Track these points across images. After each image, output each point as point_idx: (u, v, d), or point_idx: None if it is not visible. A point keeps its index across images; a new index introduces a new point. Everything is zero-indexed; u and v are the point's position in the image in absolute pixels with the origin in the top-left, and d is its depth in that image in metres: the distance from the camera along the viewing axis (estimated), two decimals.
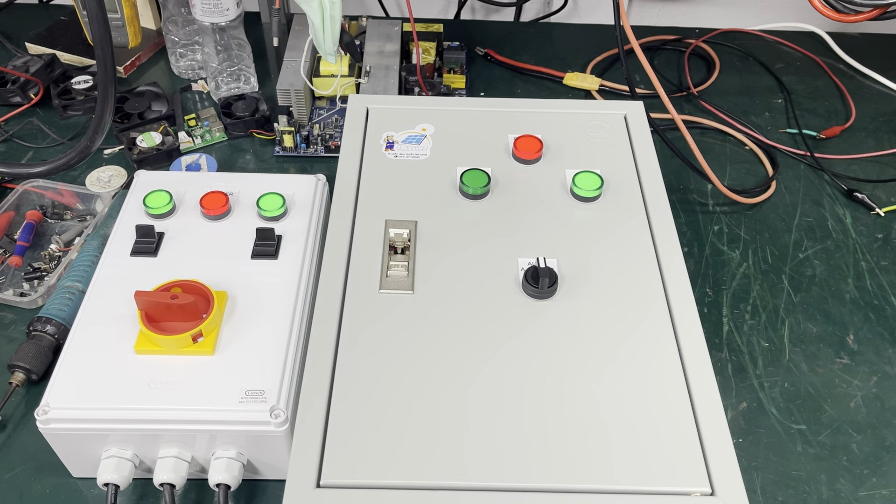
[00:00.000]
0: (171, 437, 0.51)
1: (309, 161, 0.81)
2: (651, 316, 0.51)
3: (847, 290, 0.70)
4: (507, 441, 0.45)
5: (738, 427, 0.60)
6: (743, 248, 0.74)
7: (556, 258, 0.54)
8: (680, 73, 0.96)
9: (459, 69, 0.91)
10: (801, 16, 1.02)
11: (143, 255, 0.59)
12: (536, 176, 0.61)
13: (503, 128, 0.65)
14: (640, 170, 0.62)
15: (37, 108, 0.85)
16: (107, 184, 0.74)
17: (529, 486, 0.43)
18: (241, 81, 0.87)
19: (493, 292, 0.52)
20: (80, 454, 0.52)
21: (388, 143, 0.63)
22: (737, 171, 0.83)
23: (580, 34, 1.02)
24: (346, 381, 0.47)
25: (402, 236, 0.55)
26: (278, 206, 0.61)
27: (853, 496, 0.56)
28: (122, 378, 0.51)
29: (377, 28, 0.91)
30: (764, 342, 0.66)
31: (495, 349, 0.49)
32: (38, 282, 0.66)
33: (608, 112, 0.67)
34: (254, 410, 0.50)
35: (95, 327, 0.54)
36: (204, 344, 0.53)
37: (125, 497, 0.54)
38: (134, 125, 0.81)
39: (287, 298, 0.56)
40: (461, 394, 0.47)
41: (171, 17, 0.88)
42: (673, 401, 0.47)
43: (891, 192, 0.81)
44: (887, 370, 0.64)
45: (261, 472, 0.54)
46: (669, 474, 0.43)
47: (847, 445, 0.59)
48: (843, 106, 0.92)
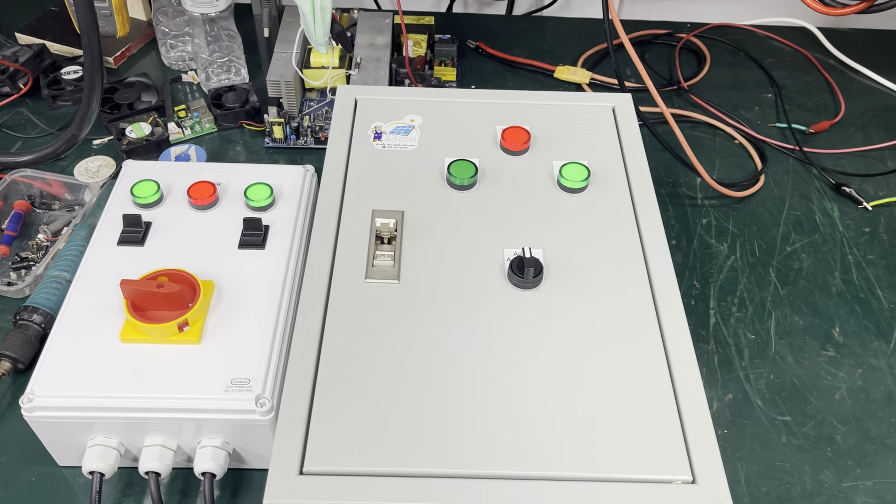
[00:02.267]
0: (156, 426, 0.51)
1: (299, 152, 0.81)
2: (635, 306, 0.52)
3: (834, 284, 0.71)
4: (489, 429, 0.45)
5: (724, 418, 0.60)
6: (731, 242, 0.74)
7: (542, 248, 0.54)
8: (671, 67, 0.96)
9: (450, 62, 0.91)
10: (792, 11, 1.02)
11: (129, 244, 0.59)
12: (524, 167, 0.61)
13: (491, 119, 0.65)
14: (627, 161, 0.62)
15: (26, 99, 0.85)
16: (95, 174, 0.74)
17: (512, 473, 0.43)
18: (232, 73, 0.87)
19: (479, 282, 0.52)
20: (65, 442, 0.52)
21: (376, 133, 0.63)
22: (726, 165, 0.83)
23: (572, 28, 1.02)
24: (330, 369, 0.47)
25: (388, 226, 0.55)
26: (266, 196, 0.61)
27: (836, 487, 0.56)
28: (107, 366, 0.51)
29: (368, 20, 0.91)
30: (750, 334, 0.66)
31: (479, 338, 0.49)
32: (26, 271, 0.66)
33: (596, 104, 0.67)
34: (239, 399, 0.50)
35: (81, 316, 0.54)
36: (190, 333, 0.53)
37: (110, 485, 0.54)
38: (123, 116, 0.80)
39: (274, 288, 0.56)
40: (444, 382, 0.47)
41: (162, 7, 0.87)
42: (656, 390, 0.47)
43: (878, 186, 0.81)
44: (872, 363, 0.64)
45: (247, 462, 0.54)
46: (651, 462, 0.44)
47: (831, 437, 0.59)
48: (832, 101, 0.92)
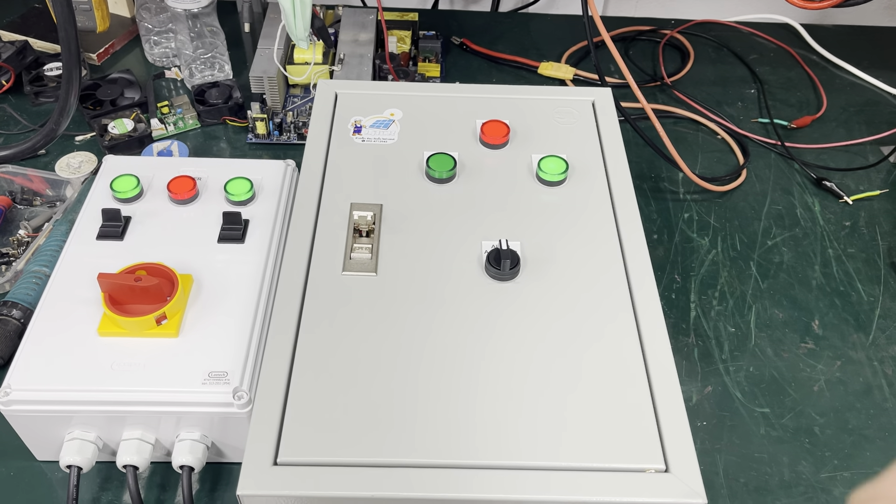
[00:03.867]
0: (134, 419, 0.51)
1: (282, 148, 0.81)
2: (612, 298, 0.52)
3: (814, 277, 0.71)
4: (464, 419, 0.45)
5: (703, 411, 0.60)
6: (712, 236, 0.74)
7: (519, 241, 0.55)
8: (655, 63, 0.96)
9: (434, 58, 0.91)
10: (776, 7, 1.02)
11: (109, 238, 0.59)
12: (503, 160, 0.61)
13: (471, 113, 0.65)
14: (606, 155, 0.62)
15: (8, 95, 0.84)
16: (77, 170, 0.74)
17: (486, 463, 0.43)
18: (215, 69, 0.87)
19: (456, 274, 0.53)
20: (42, 436, 0.52)
21: (355, 127, 0.63)
22: (708, 160, 0.83)
23: (557, 24, 1.03)
24: (306, 360, 0.47)
25: (366, 219, 0.55)
26: (246, 190, 0.61)
27: (815, 478, 0.57)
28: (84, 360, 0.51)
29: (352, 17, 0.91)
30: (730, 327, 0.66)
31: (456, 330, 0.49)
32: (6, 267, 0.66)
33: (576, 98, 0.67)
34: (216, 392, 0.50)
35: (59, 310, 0.54)
36: (168, 326, 0.53)
37: (88, 479, 0.53)
38: (106, 112, 0.80)
39: (252, 282, 0.56)
40: (420, 373, 0.47)
41: (145, 4, 0.87)
42: (631, 379, 0.47)
43: (859, 180, 0.81)
44: (851, 355, 0.65)
45: (225, 455, 0.54)
46: (625, 451, 0.44)
47: (809, 428, 0.60)
48: (814, 96, 0.92)
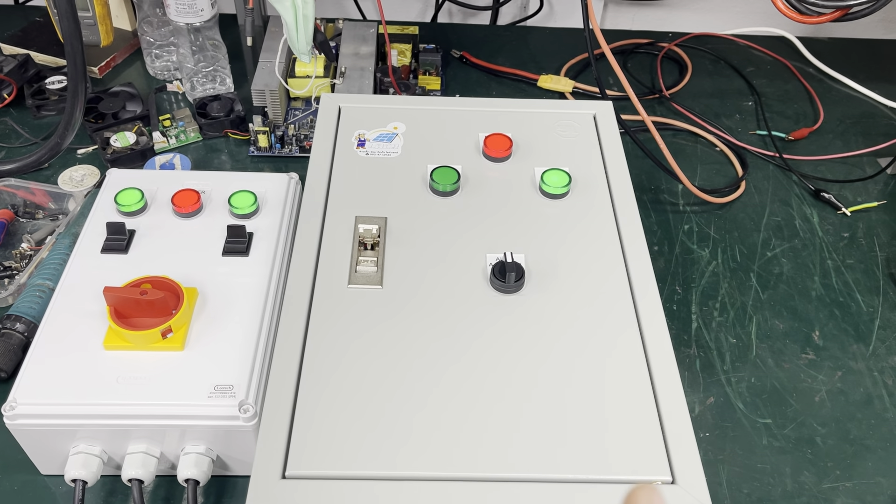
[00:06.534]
0: (139, 433, 0.51)
1: (284, 161, 0.81)
2: (616, 310, 0.52)
3: (813, 288, 0.72)
4: (471, 432, 0.45)
5: (706, 421, 0.61)
6: (712, 247, 0.75)
7: (524, 254, 0.55)
8: (653, 75, 0.97)
9: (434, 71, 0.92)
10: (772, 21, 1.03)
11: (113, 252, 0.59)
12: (506, 173, 0.62)
13: (474, 127, 0.66)
14: (608, 168, 0.62)
15: (10, 109, 0.85)
16: (79, 183, 0.74)
17: (494, 475, 0.43)
18: (217, 82, 0.87)
19: (461, 287, 0.53)
20: (48, 450, 0.52)
21: (359, 140, 0.64)
22: (707, 172, 0.84)
23: (556, 37, 1.03)
24: (313, 373, 0.48)
25: (371, 232, 0.55)
26: (250, 203, 0.62)
27: (817, 489, 0.57)
28: (90, 374, 0.51)
29: (353, 30, 0.91)
30: (731, 338, 0.67)
31: (461, 342, 0.50)
32: (9, 280, 0.66)
33: (577, 112, 0.67)
34: (222, 405, 0.50)
35: (64, 323, 0.54)
36: (173, 340, 0.53)
37: (93, 493, 0.53)
38: (108, 125, 0.81)
39: (257, 295, 0.56)
40: (426, 386, 0.47)
41: (147, 17, 0.88)
42: (636, 392, 0.47)
43: (857, 192, 0.82)
44: (851, 365, 0.65)
45: (231, 468, 0.54)
46: (631, 463, 0.44)
47: (811, 439, 0.60)
48: (811, 108, 0.93)
